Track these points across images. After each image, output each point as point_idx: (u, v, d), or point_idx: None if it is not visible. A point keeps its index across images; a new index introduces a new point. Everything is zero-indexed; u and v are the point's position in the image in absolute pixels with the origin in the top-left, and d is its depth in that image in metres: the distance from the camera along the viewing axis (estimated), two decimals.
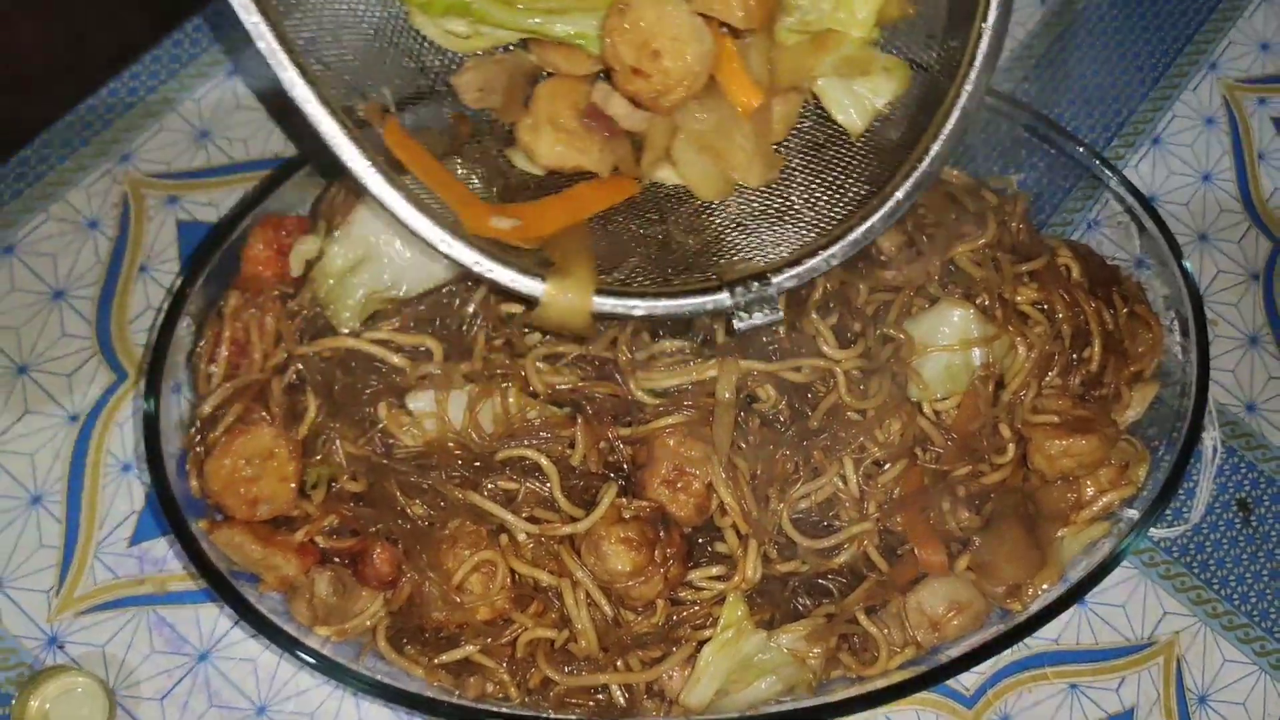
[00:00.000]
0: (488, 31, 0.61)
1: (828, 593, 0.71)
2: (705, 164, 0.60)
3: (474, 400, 0.68)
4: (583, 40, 0.59)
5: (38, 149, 0.81)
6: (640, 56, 0.56)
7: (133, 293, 0.78)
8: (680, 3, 0.56)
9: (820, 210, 0.60)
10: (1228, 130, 0.94)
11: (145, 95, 0.83)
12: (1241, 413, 0.86)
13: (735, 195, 0.61)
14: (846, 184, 0.61)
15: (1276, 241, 0.91)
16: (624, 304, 0.58)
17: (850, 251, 0.59)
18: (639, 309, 0.58)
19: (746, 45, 0.58)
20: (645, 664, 0.68)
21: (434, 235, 0.56)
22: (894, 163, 0.59)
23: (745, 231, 0.60)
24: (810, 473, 0.70)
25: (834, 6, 0.58)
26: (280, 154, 0.83)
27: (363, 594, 0.68)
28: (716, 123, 0.58)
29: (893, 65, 0.63)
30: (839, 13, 0.58)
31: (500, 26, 0.60)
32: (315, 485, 0.68)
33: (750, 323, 0.58)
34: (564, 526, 0.66)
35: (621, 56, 0.57)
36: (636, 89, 0.58)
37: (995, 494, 0.73)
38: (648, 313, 0.58)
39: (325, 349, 0.69)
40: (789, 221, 0.60)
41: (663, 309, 0.58)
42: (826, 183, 0.61)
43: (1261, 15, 0.98)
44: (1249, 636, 0.81)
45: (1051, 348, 0.74)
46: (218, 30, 0.85)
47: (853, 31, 0.59)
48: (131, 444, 0.75)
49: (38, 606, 0.72)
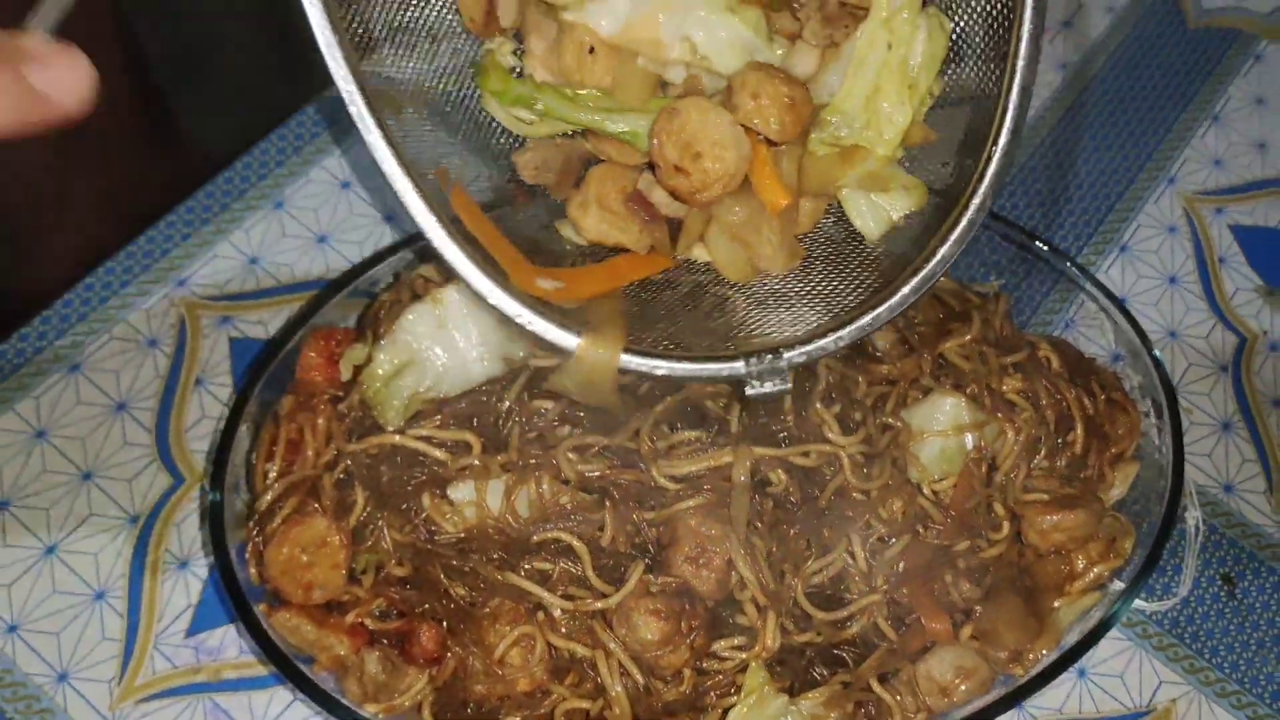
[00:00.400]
0: (550, 120, 0.69)
1: (843, 662, 0.76)
2: (734, 251, 0.67)
3: (511, 488, 0.74)
4: (633, 138, 0.67)
5: (100, 276, 0.89)
6: (683, 156, 0.64)
7: (189, 404, 0.85)
8: (723, 113, 0.64)
9: (833, 297, 0.67)
10: (1189, 237, 1.02)
11: (199, 226, 0.91)
12: (1220, 493, 0.92)
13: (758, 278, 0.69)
14: (859, 277, 0.68)
15: (1242, 337, 0.98)
16: (648, 363, 0.63)
17: (857, 336, 0.64)
18: (661, 369, 0.63)
19: (780, 153, 0.66)
20: None
21: (484, 287, 0.62)
22: (904, 261, 0.66)
23: (764, 309, 0.67)
24: (821, 549, 0.76)
25: (864, 125, 0.66)
26: (323, 276, 0.91)
27: (409, 672, 0.73)
28: (747, 217, 0.66)
29: (911, 185, 0.69)
30: (868, 131, 0.66)
31: (562, 119, 0.68)
32: (364, 571, 0.74)
33: (760, 391, 0.63)
34: (596, 602, 0.72)
35: (666, 155, 0.65)
36: (677, 184, 0.65)
37: (994, 567, 0.79)
38: (669, 373, 0.63)
39: (373, 446, 0.75)
40: (804, 304, 0.67)
41: (682, 371, 0.63)
42: (841, 274, 0.68)
43: (1212, 135, 1.08)
44: (1241, 703, 0.85)
45: (1037, 432, 0.81)
46: (263, 167, 0.94)
47: (878, 150, 0.67)
48: (188, 542, 0.81)
49: (100, 696, 0.76)
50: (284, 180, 0.93)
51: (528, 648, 0.71)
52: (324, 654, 0.72)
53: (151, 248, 0.90)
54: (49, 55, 0.42)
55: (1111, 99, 1.08)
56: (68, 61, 0.42)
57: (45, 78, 0.42)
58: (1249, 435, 0.94)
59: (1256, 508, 0.92)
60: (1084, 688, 0.84)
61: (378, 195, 0.94)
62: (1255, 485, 0.92)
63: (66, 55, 0.42)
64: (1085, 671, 0.85)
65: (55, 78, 0.42)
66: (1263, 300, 1.00)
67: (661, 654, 0.71)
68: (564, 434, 0.75)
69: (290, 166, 0.94)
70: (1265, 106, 1.10)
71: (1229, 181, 1.06)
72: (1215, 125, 1.08)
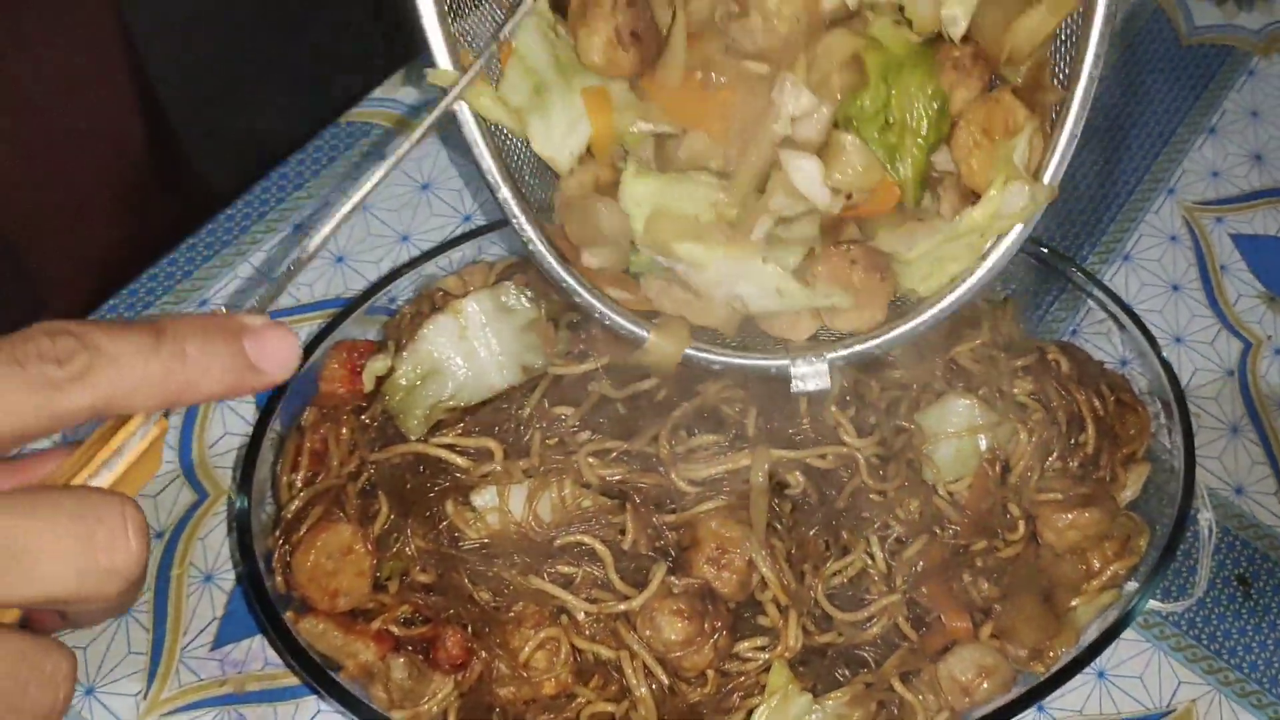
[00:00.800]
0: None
1: (865, 663, 0.76)
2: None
3: (533, 493, 0.74)
4: None
5: (124, 298, 0.90)
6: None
7: (211, 421, 0.86)
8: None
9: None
10: (1191, 246, 1.04)
11: (220, 249, 0.93)
12: (1231, 495, 0.93)
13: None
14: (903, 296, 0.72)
15: (1247, 342, 1.00)
16: (707, 355, 0.69)
17: (893, 345, 0.70)
18: (718, 363, 0.70)
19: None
20: None
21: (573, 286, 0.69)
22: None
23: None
24: (840, 550, 0.77)
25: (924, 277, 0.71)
26: (342, 294, 0.92)
27: (435, 678, 0.73)
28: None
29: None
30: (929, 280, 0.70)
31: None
32: (389, 578, 0.74)
33: (804, 388, 0.69)
34: (620, 604, 0.72)
35: None
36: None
37: (1011, 567, 0.79)
38: (724, 365, 0.70)
39: (396, 455, 0.76)
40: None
41: (736, 364, 0.70)
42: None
43: (1209, 147, 1.10)
44: (1261, 702, 0.85)
45: (1049, 433, 0.82)
46: (281, 190, 0.96)
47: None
48: (212, 556, 0.82)
49: (127, 709, 0.77)
50: (302, 203, 0.95)
51: (553, 650, 0.72)
52: (350, 660, 0.72)
53: (173, 269, 0.91)
54: (265, 330, 0.48)
55: (1109, 115, 1.10)
56: (280, 335, 0.48)
57: (260, 350, 0.47)
58: (1257, 438, 0.95)
59: (1269, 509, 0.92)
60: (1104, 689, 0.85)
61: (393, 216, 0.96)
62: (1266, 487, 0.93)
63: (279, 331, 0.48)
64: (1105, 673, 0.85)
65: (269, 351, 0.47)
66: (1265, 306, 1.02)
67: (685, 655, 0.72)
68: (584, 439, 0.76)
69: (308, 189, 0.95)
70: (1260, 119, 1.12)
71: (1227, 192, 1.07)
72: (1212, 138, 1.10)
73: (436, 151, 0.99)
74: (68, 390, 0.42)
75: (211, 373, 0.46)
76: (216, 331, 0.46)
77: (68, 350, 0.42)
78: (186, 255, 0.92)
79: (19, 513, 0.41)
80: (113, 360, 0.43)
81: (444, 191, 0.97)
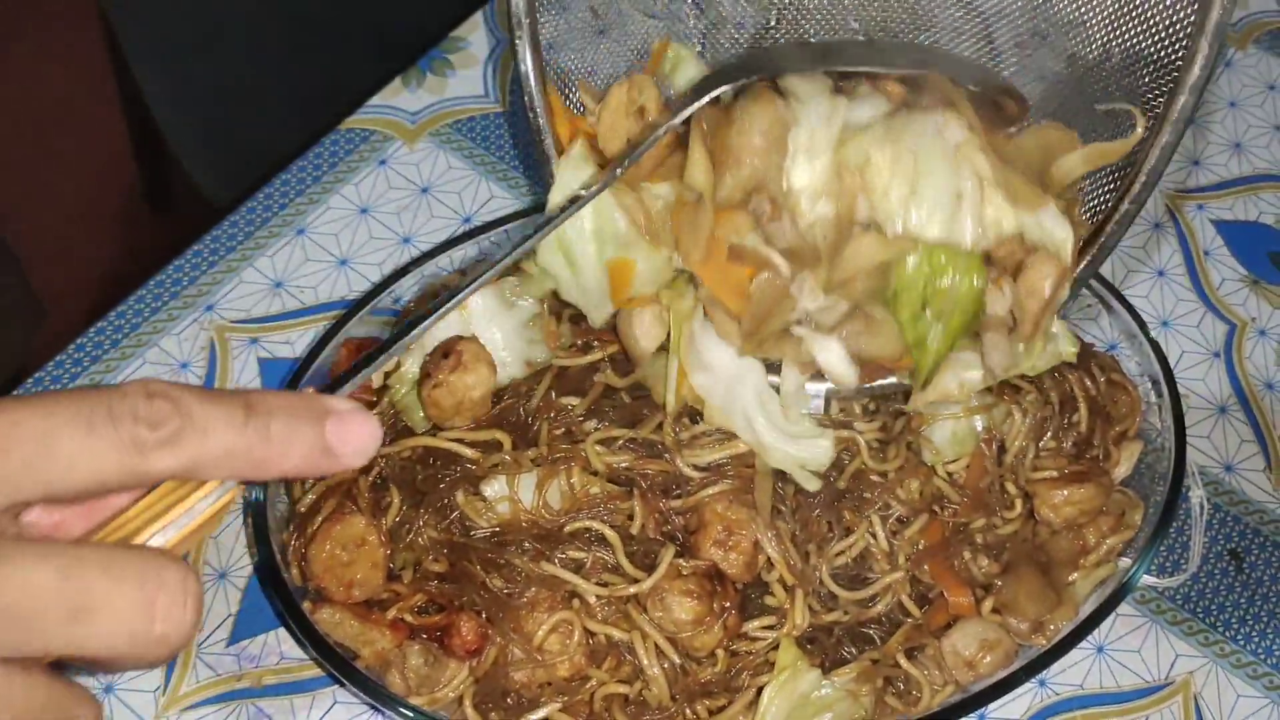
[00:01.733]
0: None
1: (870, 640, 0.78)
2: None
3: (542, 481, 0.76)
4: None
5: (131, 304, 0.91)
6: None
7: None
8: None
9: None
10: (1174, 232, 1.06)
11: (225, 255, 0.94)
12: (1221, 473, 0.95)
13: None
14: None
15: (1231, 324, 1.02)
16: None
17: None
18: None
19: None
20: (711, 712, 0.74)
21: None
22: None
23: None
24: (843, 531, 0.79)
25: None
26: (345, 297, 0.94)
27: (450, 665, 0.74)
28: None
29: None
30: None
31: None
32: (403, 568, 0.76)
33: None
34: (630, 587, 0.74)
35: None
36: None
37: (1010, 544, 0.81)
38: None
39: (405, 449, 0.78)
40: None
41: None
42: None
43: (1190, 137, 1.12)
44: (1257, 673, 0.87)
45: (1043, 413, 0.84)
46: (284, 196, 0.97)
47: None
48: (226, 554, 0.83)
49: (146, 706, 0.78)
50: (305, 208, 0.97)
51: (566, 634, 0.73)
52: (367, 648, 0.73)
53: (180, 275, 0.93)
54: (349, 416, 0.48)
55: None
56: (362, 422, 0.48)
57: (342, 436, 0.47)
58: (1245, 417, 0.98)
59: (1258, 485, 0.95)
60: (1103, 664, 0.86)
61: (394, 219, 0.98)
62: (1255, 464, 0.96)
63: (362, 417, 0.48)
64: (1104, 648, 0.87)
65: (351, 437, 0.48)
66: (1249, 289, 1.04)
67: (695, 634, 0.73)
68: (590, 428, 0.78)
69: (310, 195, 0.97)
70: (1238, 109, 1.14)
71: (1208, 180, 1.10)
72: (1192, 128, 1.12)
73: (436, 154, 1.01)
74: (156, 454, 0.43)
75: (291, 453, 0.46)
76: (303, 412, 0.47)
77: (162, 415, 0.43)
78: (191, 262, 0.93)
79: (94, 569, 0.42)
80: (202, 430, 0.44)
81: (444, 194, 0.99)
